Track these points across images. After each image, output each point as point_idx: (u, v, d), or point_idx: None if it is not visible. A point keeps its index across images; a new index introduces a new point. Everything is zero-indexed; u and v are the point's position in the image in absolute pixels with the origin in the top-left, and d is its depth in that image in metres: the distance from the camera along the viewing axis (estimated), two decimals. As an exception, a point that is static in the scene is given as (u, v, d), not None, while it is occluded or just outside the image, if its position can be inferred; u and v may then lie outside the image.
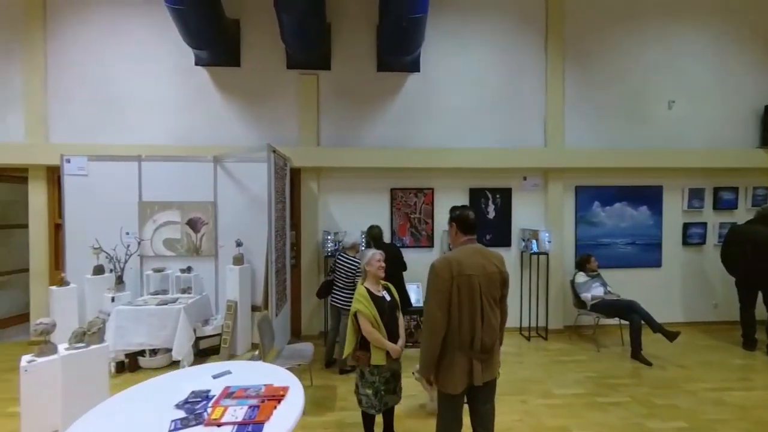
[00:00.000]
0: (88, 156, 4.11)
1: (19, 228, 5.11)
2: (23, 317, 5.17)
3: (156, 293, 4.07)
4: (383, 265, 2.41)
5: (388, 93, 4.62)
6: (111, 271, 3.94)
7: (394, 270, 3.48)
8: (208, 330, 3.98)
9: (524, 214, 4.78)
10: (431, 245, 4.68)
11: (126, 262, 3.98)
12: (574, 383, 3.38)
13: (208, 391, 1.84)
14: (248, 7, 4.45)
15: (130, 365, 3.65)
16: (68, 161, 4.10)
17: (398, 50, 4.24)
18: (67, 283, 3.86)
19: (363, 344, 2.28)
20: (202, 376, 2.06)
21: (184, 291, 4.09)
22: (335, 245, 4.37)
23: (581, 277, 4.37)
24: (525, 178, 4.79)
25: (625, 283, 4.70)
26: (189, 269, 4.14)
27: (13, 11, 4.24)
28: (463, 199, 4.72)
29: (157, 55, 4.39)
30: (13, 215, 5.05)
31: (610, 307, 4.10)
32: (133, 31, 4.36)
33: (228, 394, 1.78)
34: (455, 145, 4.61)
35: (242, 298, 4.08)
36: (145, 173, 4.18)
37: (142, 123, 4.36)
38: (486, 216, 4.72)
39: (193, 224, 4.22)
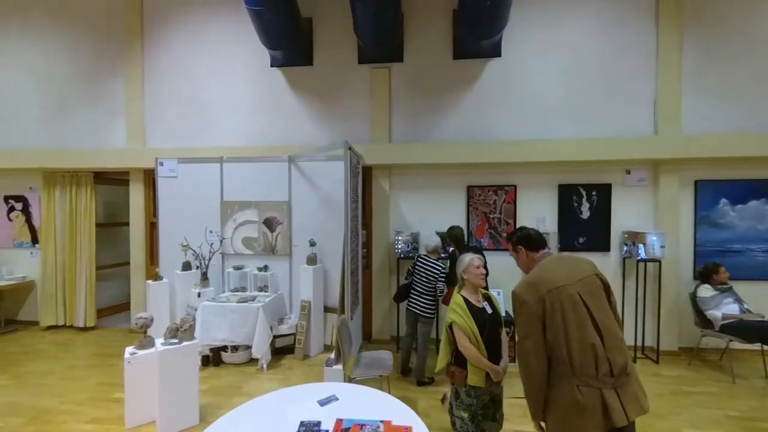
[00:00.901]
0: (178, 159, 4.39)
1: (121, 226, 5.70)
2: (125, 306, 5.74)
3: (236, 290, 4.19)
4: (483, 272, 2.09)
5: (464, 82, 4.26)
6: (197, 267, 4.14)
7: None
8: (284, 329, 3.99)
9: (627, 214, 4.10)
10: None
11: (210, 259, 4.16)
12: (712, 424, 2.73)
13: (319, 423, 1.71)
14: (321, 5, 4.41)
15: (214, 359, 3.79)
16: (161, 164, 4.41)
17: (479, 34, 3.87)
18: (160, 278, 4.14)
19: (458, 359, 1.99)
20: (307, 401, 1.97)
21: (261, 289, 4.16)
22: (407, 246, 4.13)
23: (707, 291, 3.59)
24: (628, 172, 4.10)
25: (763, 299, 3.79)
26: (266, 268, 4.21)
27: (117, 28, 4.68)
28: (550, 197, 4.19)
29: (236, 60, 4.53)
30: (115, 214, 5.64)
31: (752, 329, 3.30)
32: (215, 38, 4.56)
33: (342, 430, 1.62)
34: (541, 135, 4.10)
35: (315, 298, 4.04)
36: (226, 174, 4.34)
37: (223, 125, 4.55)
38: (579, 216, 4.13)
39: (269, 223, 4.27)
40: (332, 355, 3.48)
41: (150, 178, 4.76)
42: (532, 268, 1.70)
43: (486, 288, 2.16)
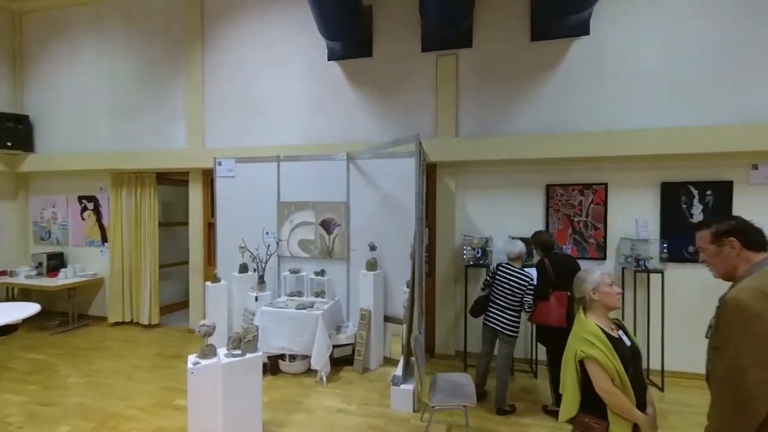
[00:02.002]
0: (236, 158, 4.30)
1: (178, 225, 5.81)
2: (184, 304, 5.84)
3: (292, 295, 4.01)
4: (619, 290, 1.64)
5: (543, 66, 3.75)
6: (254, 270, 4.01)
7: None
8: (342, 339, 3.73)
9: (753, 218, 3.35)
10: (603, 256, 3.64)
11: (266, 262, 4.01)
12: None
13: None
14: (381, -10, 4.12)
15: (271, 368, 3.61)
16: (219, 164, 4.35)
17: (565, 9, 3.36)
18: (218, 280, 4.06)
19: (591, 405, 1.55)
20: None
21: (317, 294, 3.94)
22: (477, 252, 3.70)
23: None
24: (756, 167, 3.36)
25: None
26: (323, 272, 3.98)
27: (180, 30, 4.71)
28: (651, 197, 3.56)
29: (294, 54, 4.37)
30: (174, 214, 5.75)
31: None
32: (273, 33, 4.42)
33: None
34: (639, 124, 3.48)
35: (376, 307, 3.73)
36: (283, 174, 4.18)
37: (280, 124, 4.40)
38: (689, 220, 3.46)
39: (327, 225, 4.05)
40: (398, 372, 3.15)
41: (208, 178, 4.74)
42: (741, 273, 1.29)
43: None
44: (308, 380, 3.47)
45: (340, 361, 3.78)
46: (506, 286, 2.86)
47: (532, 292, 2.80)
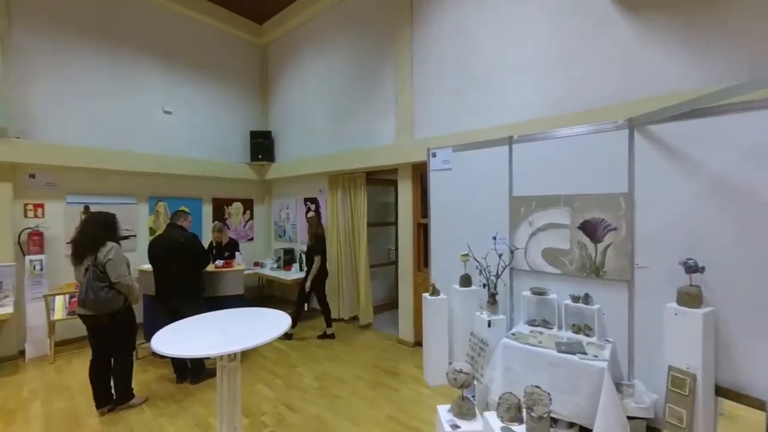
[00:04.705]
0: (453, 146, 3.58)
1: (379, 226, 5.69)
2: (387, 306, 5.73)
3: (534, 323, 2.92)
4: None
5: None
6: (484, 285, 3.14)
7: None
8: (632, 408, 2.37)
9: None
10: None
11: (499, 275, 3.08)
12: None
13: None
14: None
15: (519, 426, 2.63)
16: (434, 155, 3.72)
17: None
18: (437, 292, 3.42)
19: None
20: None
21: (577, 330, 2.72)
22: None
23: None
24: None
25: None
26: (586, 298, 2.72)
27: (386, 18, 4.39)
28: None
29: (529, 1, 3.27)
30: (376, 214, 5.65)
31: None
32: (498, -19, 3.47)
33: None
34: None
35: (705, 368, 2.19)
36: (516, 160, 3.16)
37: (508, 95, 3.40)
38: None
39: (591, 229, 2.75)
40: None
41: (418, 173, 4.25)
42: None
43: None
44: (581, 463, 2.30)
45: (626, 441, 2.43)
46: None
47: None
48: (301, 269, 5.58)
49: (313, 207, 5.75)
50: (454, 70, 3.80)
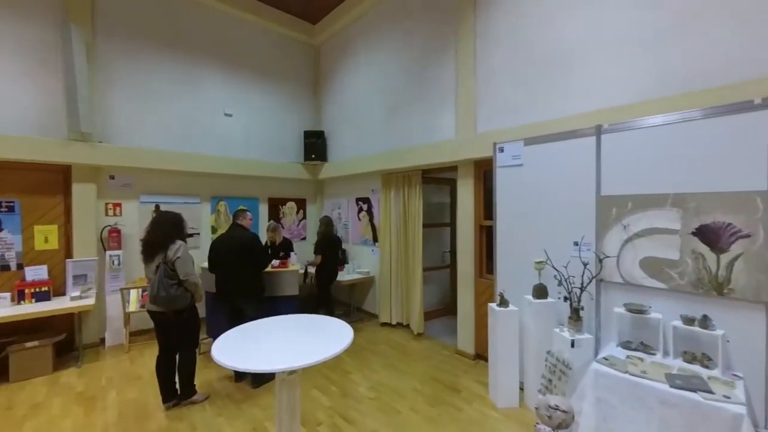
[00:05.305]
0: (525, 139, 3.19)
1: (433, 227, 5.38)
2: (440, 312, 5.42)
3: (630, 347, 2.45)
4: None
5: None
6: (564, 298, 2.72)
7: None
8: (778, 467, 1.85)
9: None
10: None
11: (585, 287, 2.64)
12: None
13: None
14: None
15: (615, 470, 2.20)
16: (501, 150, 3.36)
17: None
18: (506, 303, 3.05)
19: None
20: None
21: (692, 359, 2.21)
22: None
23: None
24: None
25: None
26: (705, 320, 2.20)
27: (446, 5, 4.08)
28: None
29: (620, -36, 2.78)
30: (430, 214, 5.34)
31: None
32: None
33: None
34: None
35: None
36: (607, 152, 2.69)
37: (597, 78, 2.92)
38: None
39: (712, 235, 2.23)
40: None
41: (481, 171, 3.89)
42: None
43: None
44: None
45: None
46: None
47: None
48: (353, 270, 5.48)
49: (365, 206, 5.61)
50: (526, 53, 3.38)
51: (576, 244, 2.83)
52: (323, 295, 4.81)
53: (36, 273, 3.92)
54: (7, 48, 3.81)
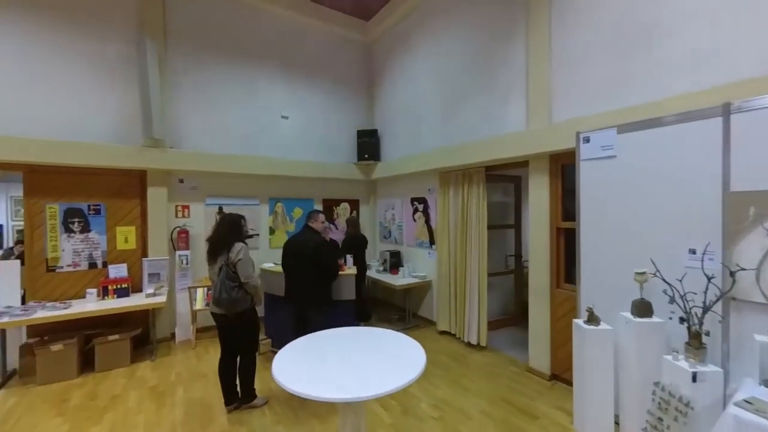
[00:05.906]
0: (618, 126, 2.69)
1: (499, 228, 4.93)
2: (506, 321, 4.96)
3: (777, 385, 1.89)
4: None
5: None
6: (681, 319, 2.21)
7: None
8: None
9: None
10: None
11: (710, 307, 2.12)
12: None
13: None
14: None
15: None
16: (586, 140, 2.89)
17: None
18: (597, 321, 2.59)
19: None
20: None
21: None
22: None
23: None
24: None
25: None
26: None
27: (516, -20, 3.67)
28: None
29: None
30: (493, 215, 4.90)
31: None
32: None
33: None
34: None
35: None
36: (739, 137, 2.14)
37: (716, 46, 2.36)
38: None
39: None
40: None
41: (558, 165, 3.42)
42: None
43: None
44: None
45: None
46: None
47: None
48: (408, 274, 5.23)
49: (420, 207, 5.34)
50: (617, 24, 2.87)
51: (693, 252, 2.30)
52: (358, 297, 4.49)
53: (118, 271, 4.24)
54: (89, 62, 4.14)
